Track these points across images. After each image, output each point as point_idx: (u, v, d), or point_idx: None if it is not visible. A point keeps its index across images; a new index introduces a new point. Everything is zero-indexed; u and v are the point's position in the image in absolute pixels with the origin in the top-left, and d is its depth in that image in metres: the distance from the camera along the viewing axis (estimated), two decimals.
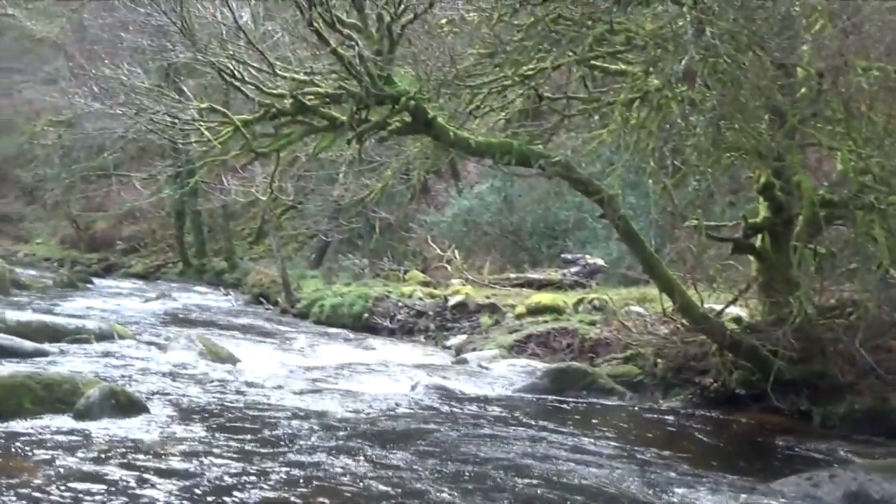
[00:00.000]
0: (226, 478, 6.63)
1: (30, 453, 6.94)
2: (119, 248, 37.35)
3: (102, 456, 6.96)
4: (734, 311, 11.80)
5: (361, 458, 7.52)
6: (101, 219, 38.26)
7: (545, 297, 16.43)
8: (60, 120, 32.61)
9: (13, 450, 7.03)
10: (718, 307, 11.26)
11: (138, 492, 6.13)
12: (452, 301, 17.81)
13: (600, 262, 19.70)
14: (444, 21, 10.76)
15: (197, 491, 6.25)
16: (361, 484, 6.71)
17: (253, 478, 6.67)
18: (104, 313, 18.32)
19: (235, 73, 10.22)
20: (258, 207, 28.59)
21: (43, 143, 36.85)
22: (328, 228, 26.38)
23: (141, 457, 7.00)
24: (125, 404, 8.41)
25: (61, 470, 6.52)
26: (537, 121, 12.42)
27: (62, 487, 6.09)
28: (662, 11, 9.15)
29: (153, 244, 37.10)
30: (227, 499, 6.14)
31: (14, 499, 5.81)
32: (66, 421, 7.99)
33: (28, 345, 12.01)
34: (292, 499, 6.26)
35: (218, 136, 10.61)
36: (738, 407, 10.62)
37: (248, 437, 8.00)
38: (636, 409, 10.85)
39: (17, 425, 7.76)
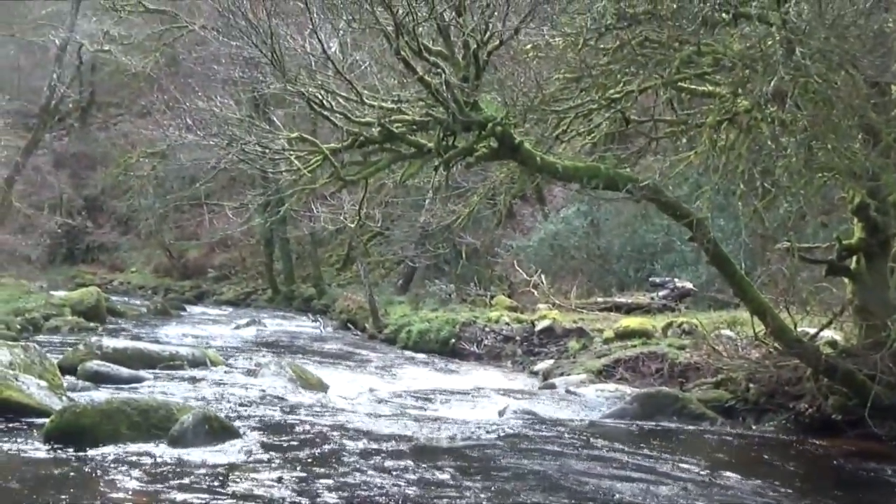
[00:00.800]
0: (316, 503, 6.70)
1: (126, 478, 7.10)
2: (210, 275, 38.05)
3: (197, 482, 7.08)
4: (829, 334, 11.54)
5: (453, 485, 7.52)
6: (193, 247, 39.09)
7: (633, 322, 16.28)
8: (154, 151, 33.47)
9: (110, 475, 7.20)
10: (812, 331, 11.03)
11: None
12: (539, 326, 17.73)
13: (689, 285, 19.44)
14: (529, 47, 10.77)
15: None
16: None
17: None
18: (196, 340, 18.69)
19: (324, 102, 10.36)
20: (346, 234, 28.88)
21: (138, 175, 37.84)
22: (415, 254, 26.52)
23: (234, 483, 7.11)
24: (218, 430, 8.55)
25: (157, 495, 6.66)
26: (624, 144, 12.35)
27: None
28: (750, 32, 9.04)
29: (243, 271, 37.74)
30: None
31: None
32: (160, 447, 8.15)
33: (124, 371, 12.33)
34: None
35: (307, 164, 10.76)
36: (834, 433, 10.36)
37: (337, 463, 8.06)
38: (728, 434, 10.65)
39: (114, 450, 7.95)
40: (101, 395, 10.35)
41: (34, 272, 32.05)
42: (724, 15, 8.99)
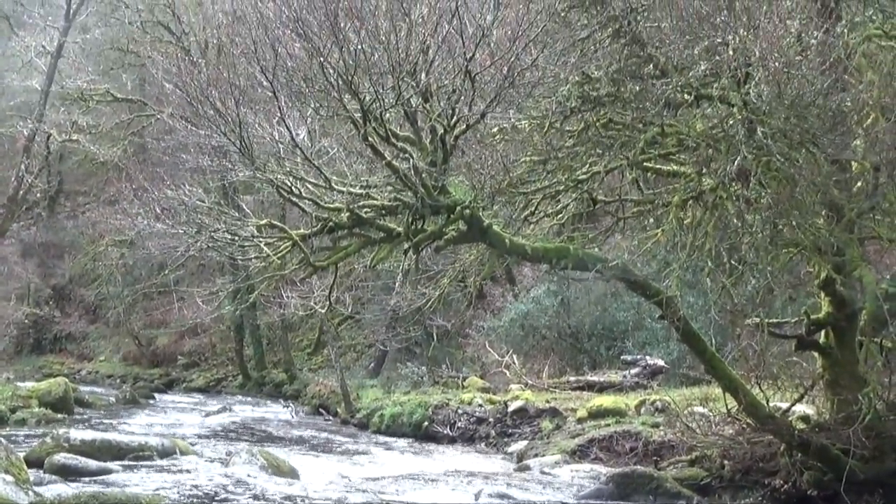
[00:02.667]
0: None
1: None
2: (180, 362, 37.69)
3: None
4: (801, 409, 11.56)
5: None
6: (162, 335, 38.75)
7: (606, 400, 16.25)
8: (123, 240, 33.33)
9: None
10: (784, 406, 11.04)
11: None
12: (512, 406, 17.66)
13: (661, 362, 19.48)
14: (495, 130, 10.90)
15: None
16: None
17: None
18: (166, 429, 18.44)
19: (293, 188, 10.43)
20: (316, 319, 28.76)
21: (106, 263, 37.65)
22: (386, 337, 26.43)
23: None
24: None
25: None
26: (591, 224, 12.45)
27: None
28: (713, 112, 9.21)
29: (213, 358, 37.41)
30: None
31: None
32: None
33: (92, 464, 12.12)
34: None
35: (277, 251, 10.76)
36: None
37: None
38: None
39: None
40: (69, 489, 10.16)
41: (0, 363, 31.63)
42: (686, 96, 9.17)
